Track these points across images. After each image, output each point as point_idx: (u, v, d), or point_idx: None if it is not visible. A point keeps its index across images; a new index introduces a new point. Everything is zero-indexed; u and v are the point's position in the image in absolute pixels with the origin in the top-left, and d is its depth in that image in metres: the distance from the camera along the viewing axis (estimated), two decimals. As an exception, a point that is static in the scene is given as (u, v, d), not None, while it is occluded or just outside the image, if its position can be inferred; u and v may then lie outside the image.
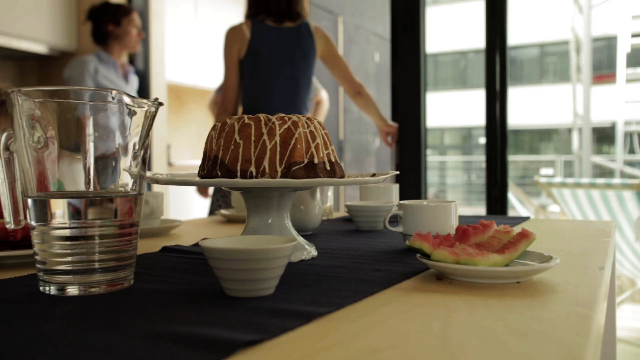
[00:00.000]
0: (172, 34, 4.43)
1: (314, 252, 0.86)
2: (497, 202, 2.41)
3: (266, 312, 0.54)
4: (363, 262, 0.81)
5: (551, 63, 13.83)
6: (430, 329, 0.50)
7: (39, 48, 3.54)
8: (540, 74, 13.80)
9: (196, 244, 0.98)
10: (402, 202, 0.94)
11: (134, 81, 3.09)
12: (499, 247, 0.73)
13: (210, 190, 2.67)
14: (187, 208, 4.27)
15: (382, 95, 5.62)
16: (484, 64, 2.48)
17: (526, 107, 12.73)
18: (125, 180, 0.65)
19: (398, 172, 0.89)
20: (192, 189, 4.20)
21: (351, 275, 0.72)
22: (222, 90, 2.38)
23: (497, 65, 2.41)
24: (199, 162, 4.77)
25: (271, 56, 2.29)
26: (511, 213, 3.66)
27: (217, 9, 4.97)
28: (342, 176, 0.84)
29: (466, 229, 0.77)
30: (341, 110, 5.27)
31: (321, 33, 2.39)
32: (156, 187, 3.77)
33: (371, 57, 5.75)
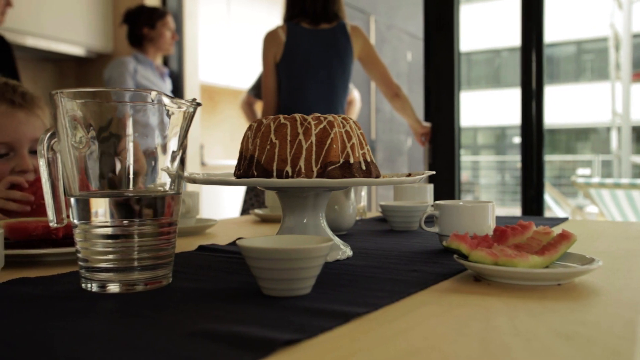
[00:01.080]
0: (204, 34, 4.48)
1: (349, 252, 0.86)
2: (532, 202, 2.37)
3: (303, 312, 0.54)
4: (399, 263, 0.80)
5: (589, 60, 13.53)
6: (470, 330, 0.49)
7: (77, 50, 3.62)
8: (577, 71, 13.51)
9: (232, 243, 0.99)
10: (438, 202, 0.93)
11: (169, 83, 3.14)
12: (539, 248, 0.72)
13: (243, 189, 2.69)
14: (219, 207, 4.32)
15: (414, 94, 5.58)
16: (518, 62, 2.44)
17: (562, 105, 12.48)
18: (164, 179, 0.66)
19: (434, 172, 0.88)
20: (225, 189, 4.24)
21: (387, 275, 0.71)
22: (262, 95, 2.41)
23: (533, 64, 2.36)
24: (231, 161, 4.81)
25: (306, 59, 2.29)
26: (547, 214, 3.60)
27: (249, 8, 5.01)
28: (378, 176, 0.84)
29: (504, 229, 0.76)
30: (373, 109, 5.25)
31: (359, 33, 2.38)
32: (190, 187, 3.82)
33: (403, 57, 5.71)
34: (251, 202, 2.47)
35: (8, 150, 1.10)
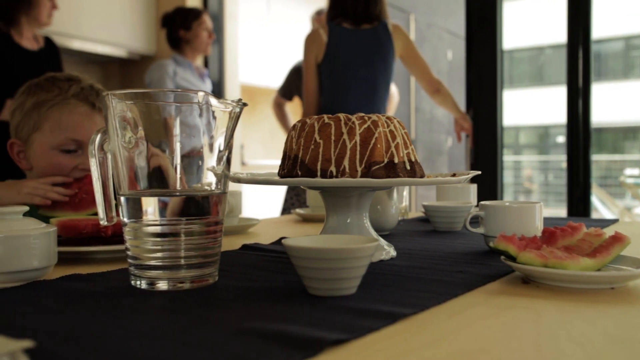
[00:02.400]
0: (244, 35, 4.52)
1: (392, 252, 0.85)
2: (579, 203, 2.31)
3: (350, 312, 0.54)
4: (443, 264, 0.79)
5: (637, 57, 13.09)
6: (521, 333, 0.48)
7: (121, 52, 3.71)
8: (625, 68, 13.10)
9: (276, 243, 1.00)
10: (483, 202, 0.91)
11: (209, 84, 3.17)
12: (590, 250, 0.70)
13: (283, 189, 2.71)
14: (259, 207, 4.35)
15: (455, 93, 5.50)
16: (564, 60, 2.38)
17: (610, 103, 12.12)
18: (210, 179, 0.67)
19: (479, 172, 0.87)
20: (265, 188, 4.27)
21: (432, 276, 0.71)
22: (303, 95, 2.42)
23: (579, 61, 2.30)
24: (271, 161, 4.84)
25: (348, 59, 2.29)
26: (594, 215, 3.50)
27: (289, 8, 5.03)
28: (422, 176, 0.83)
29: (553, 231, 0.74)
30: (413, 109, 5.21)
31: (400, 32, 2.37)
32: (231, 186, 3.87)
33: (444, 55, 5.65)
34: (292, 201, 2.49)
35: (77, 148, 1.15)
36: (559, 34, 2.50)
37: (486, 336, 0.48)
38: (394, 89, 3.00)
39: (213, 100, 0.65)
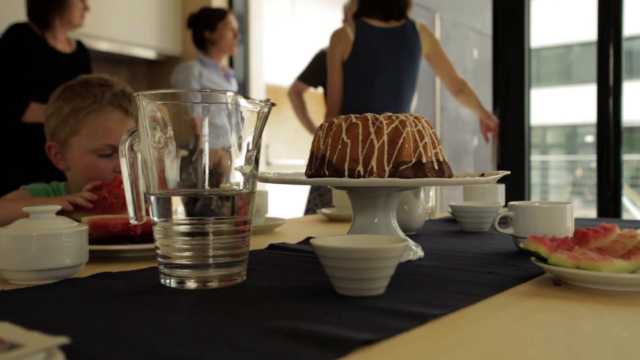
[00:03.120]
0: (269, 35, 4.54)
1: (420, 252, 0.84)
2: (609, 204, 2.27)
3: (379, 312, 0.53)
4: (472, 264, 0.78)
5: (669, 54, 12.79)
6: (554, 336, 0.47)
7: (148, 53, 3.75)
8: (656, 66, 12.80)
9: (302, 242, 1.00)
10: (512, 203, 0.90)
11: (234, 84, 3.19)
12: (624, 252, 0.69)
13: (307, 188, 2.71)
14: (282, 207, 4.36)
15: (481, 93, 5.44)
16: (594, 58, 2.34)
17: None
18: (238, 179, 0.68)
19: (509, 173, 0.85)
20: (287, 188, 4.28)
21: (461, 277, 0.70)
22: (327, 93, 2.41)
23: (610, 58, 2.26)
24: (295, 161, 4.85)
25: (375, 58, 2.28)
26: (624, 216, 3.43)
27: (313, 8, 5.04)
28: (450, 176, 0.82)
29: (585, 232, 0.73)
30: (438, 108, 5.18)
31: (426, 31, 2.35)
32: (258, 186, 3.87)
33: (469, 54, 5.60)
34: (315, 201, 2.49)
35: (113, 152, 1.21)
36: (589, 31, 2.45)
37: (519, 338, 0.47)
38: None
39: (242, 101, 0.66)
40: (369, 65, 2.28)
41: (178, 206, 0.65)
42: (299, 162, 4.79)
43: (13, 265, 0.69)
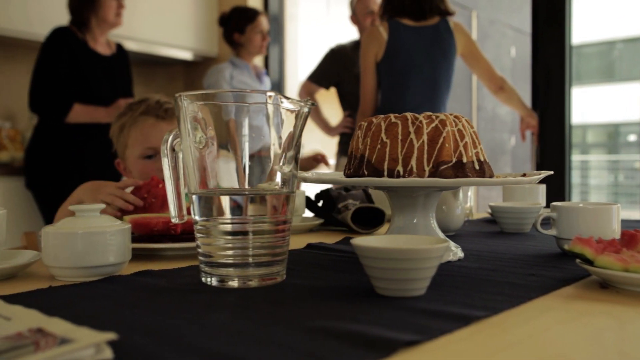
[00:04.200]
0: (304, 35, 4.55)
1: (460, 253, 0.83)
2: (654, 205, 2.19)
3: (421, 313, 0.53)
4: (514, 266, 0.77)
5: None
6: (603, 340, 0.46)
7: (185, 55, 3.81)
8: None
9: (340, 242, 1.00)
10: (555, 203, 0.88)
11: (267, 82, 3.19)
12: (674, 255, 0.66)
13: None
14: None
15: (519, 91, 5.35)
16: (638, 54, 2.27)
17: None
18: (278, 178, 0.68)
19: (551, 173, 0.84)
20: (314, 187, 4.27)
21: (503, 278, 0.69)
22: (360, 94, 2.40)
23: (655, 55, 2.19)
24: (330, 161, 4.84)
25: (410, 57, 2.26)
26: (668, 217, 3.32)
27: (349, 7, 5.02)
28: (492, 176, 0.81)
29: (634, 234, 0.71)
30: (474, 107, 5.11)
31: (461, 30, 2.32)
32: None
33: (507, 52, 5.51)
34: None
35: (155, 153, 1.36)
36: (633, 27, 2.38)
37: (566, 342, 0.46)
38: None
39: (282, 101, 0.66)
40: (403, 66, 2.26)
41: (219, 205, 0.65)
42: (334, 162, 4.78)
43: (59, 262, 0.71)
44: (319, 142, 5.41)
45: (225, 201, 0.65)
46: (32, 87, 2.47)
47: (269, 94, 0.66)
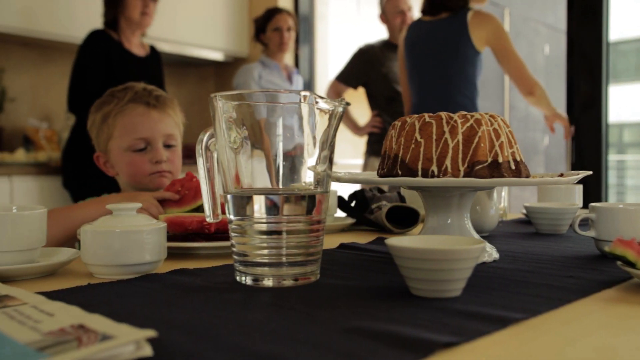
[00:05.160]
0: (334, 35, 4.55)
1: (495, 254, 0.82)
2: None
3: (457, 314, 0.52)
4: (551, 268, 0.76)
5: None
6: (647, 345, 0.45)
7: (216, 55, 3.84)
8: None
9: (373, 242, 1.00)
10: (594, 204, 0.86)
11: (299, 82, 3.19)
12: None
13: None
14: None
15: (552, 90, 5.25)
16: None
17: None
18: (312, 178, 0.68)
19: (590, 173, 0.82)
20: (342, 187, 4.27)
21: (540, 280, 0.68)
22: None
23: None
24: (360, 160, 4.83)
25: (419, 53, 2.22)
26: None
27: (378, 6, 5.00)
28: (528, 176, 0.80)
29: (677, 235, 0.69)
30: (507, 107, 5.04)
31: (483, 21, 2.19)
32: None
33: (540, 50, 5.41)
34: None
35: (146, 145, 1.27)
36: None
37: (609, 346, 0.45)
38: None
39: (317, 100, 0.66)
40: (414, 61, 2.24)
41: (254, 205, 0.66)
42: (360, 162, 4.77)
43: (97, 259, 0.72)
44: (347, 142, 5.41)
45: (261, 201, 0.65)
46: (69, 88, 2.53)
47: (303, 94, 0.66)
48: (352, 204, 1.30)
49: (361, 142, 5.39)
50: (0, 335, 0.43)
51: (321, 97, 0.66)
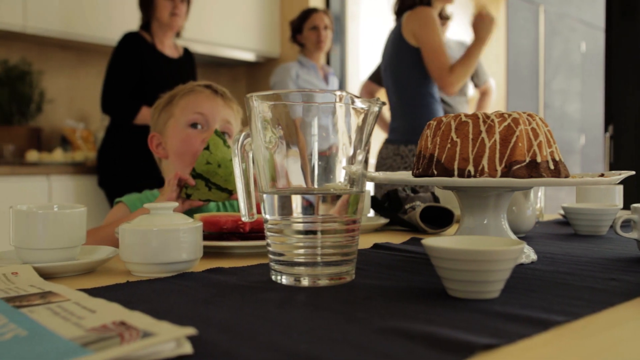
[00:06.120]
0: (366, 34, 4.54)
1: (533, 255, 0.81)
2: None
3: (496, 316, 0.52)
4: (592, 270, 0.74)
5: None
6: (696, 351, 0.43)
7: (248, 56, 3.87)
8: None
9: (407, 242, 0.99)
10: (637, 205, 0.84)
11: (335, 83, 3.21)
12: None
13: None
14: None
15: (588, 88, 5.14)
16: None
17: None
18: (347, 178, 0.68)
19: (633, 173, 0.80)
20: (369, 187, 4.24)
21: (581, 283, 0.66)
22: None
23: None
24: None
25: (383, 60, 2.29)
26: None
27: (410, 7, 4.96)
28: (567, 176, 0.78)
29: None
30: (541, 105, 4.95)
31: (412, 17, 2.16)
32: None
33: (576, 48, 5.30)
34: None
35: (203, 123, 1.30)
36: None
37: (655, 351, 0.44)
38: (492, 82, 2.85)
39: (352, 100, 0.66)
40: (383, 69, 2.31)
41: (291, 204, 0.66)
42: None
43: (135, 258, 0.73)
44: (378, 142, 5.38)
45: (297, 200, 0.65)
46: (103, 89, 2.58)
47: (339, 93, 0.66)
48: (386, 204, 1.29)
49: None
50: (46, 330, 0.44)
51: (357, 97, 0.66)
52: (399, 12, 2.25)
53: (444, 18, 2.59)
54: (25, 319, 0.47)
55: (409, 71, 2.22)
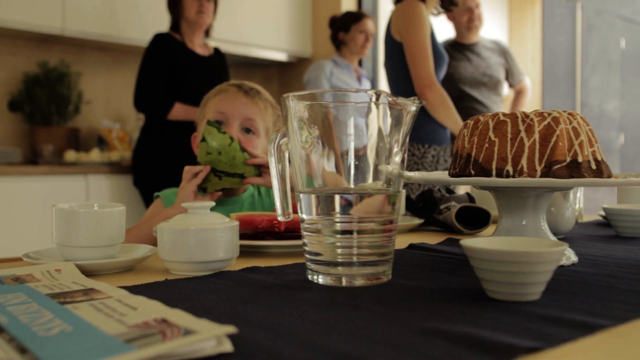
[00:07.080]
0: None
1: (573, 257, 0.79)
2: None
3: (538, 319, 0.51)
4: (636, 273, 0.72)
5: None
6: None
7: (280, 56, 3.89)
8: None
9: (443, 243, 0.98)
10: (682, 206, 0.82)
11: (367, 84, 3.22)
12: None
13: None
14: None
15: (629, 86, 5.01)
16: None
17: None
18: (384, 177, 0.67)
19: (679, 172, 0.77)
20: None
21: (625, 286, 0.64)
22: None
23: None
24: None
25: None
26: None
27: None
28: (609, 176, 0.76)
29: None
30: (578, 104, 4.84)
31: (396, 12, 2.13)
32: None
33: (615, 44, 5.17)
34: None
35: (224, 121, 1.32)
36: None
37: None
38: (527, 81, 2.79)
39: (389, 99, 0.65)
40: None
41: (328, 204, 0.66)
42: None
43: (173, 256, 0.74)
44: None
45: (335, 200, 0.65)
46: (136, 86, 2.63)
47: (376, 92, 0.66)
48: (420, 205, 1.28)
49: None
50: (91, 326, 0.45)
51: (393, 96, 0.65)
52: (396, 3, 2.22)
53: (452, 4, 2.43)
54: (70, 314, 0.48)
55: (400, 71, 2.17)
